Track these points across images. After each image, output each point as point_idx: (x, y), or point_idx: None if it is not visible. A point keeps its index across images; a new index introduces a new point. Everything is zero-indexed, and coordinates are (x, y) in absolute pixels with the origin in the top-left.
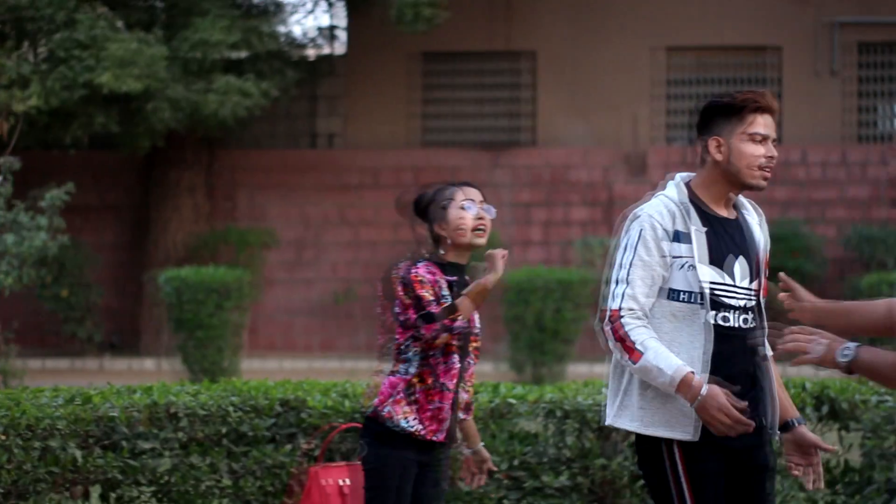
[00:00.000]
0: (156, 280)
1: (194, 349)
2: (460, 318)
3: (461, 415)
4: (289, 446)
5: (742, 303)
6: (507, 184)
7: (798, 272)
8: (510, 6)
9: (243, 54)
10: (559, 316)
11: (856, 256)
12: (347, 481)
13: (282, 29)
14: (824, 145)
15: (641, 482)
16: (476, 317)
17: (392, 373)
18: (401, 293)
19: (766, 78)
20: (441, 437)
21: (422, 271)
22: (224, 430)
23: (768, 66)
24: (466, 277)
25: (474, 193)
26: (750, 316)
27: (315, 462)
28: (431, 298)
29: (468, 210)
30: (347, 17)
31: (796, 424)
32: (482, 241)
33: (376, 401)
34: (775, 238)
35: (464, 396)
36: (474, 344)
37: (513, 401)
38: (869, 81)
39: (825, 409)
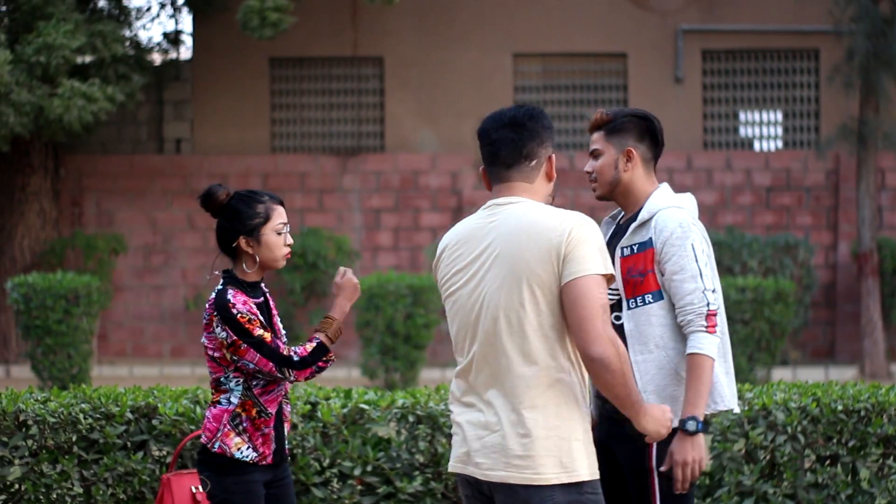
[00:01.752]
0: (2, 286)
1: (43, 356)
2: (332, 358)
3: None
4: (140, 453)
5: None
6: (357, 189)
7: None
8: (356, 12)
9: (89, 59)
10: (410, 321)
11: None
12: (200, 488)
13: (127, 33)
14: (670, 152)
15: None
16: (279, 325)
17: (214, 403)
18: (220, 330)
19: (612, 85)
20: (270, 459)
21: (240, 305)
22: (74, 438)
23: (613, 73)
24: (266, 293)
25: (285, 214)
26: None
27: (167, 469)
28: (270, 337)
29: (285, 235)
30: (193, 22)
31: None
32: (284, 264)
33: (204, 438)
34: None
35: (287, 409)
36: None
37: (365, 406)
38: (713, 88)
39: None
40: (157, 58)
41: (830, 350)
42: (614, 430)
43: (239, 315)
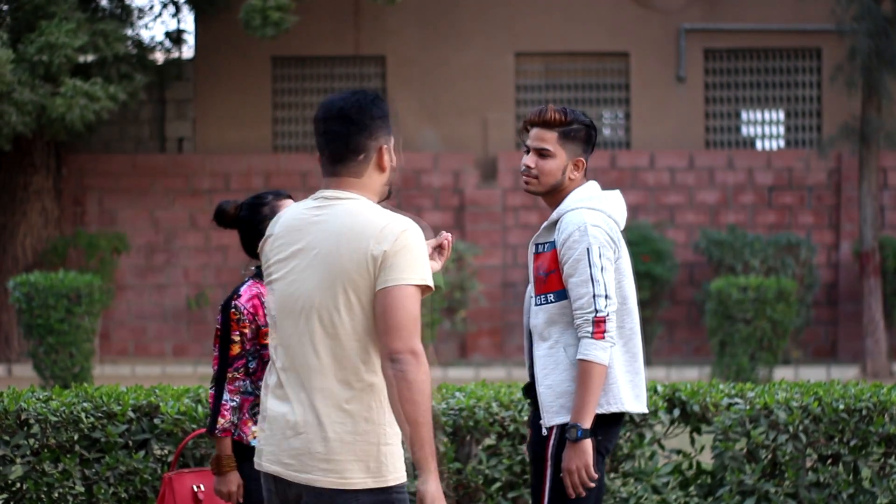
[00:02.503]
0: (4, 285)
1: (45, 355)
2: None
3: None
4: (142, 452)
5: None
6: None
7: (649, 276)
8: (359, 11)
9: (92, 58)
10: None
11: (705, 260)
12: (202, 486)
13: (129, 32)
14: (672, 151)
15: (496, 485)
16: None
17: None
18: (218, 315)
19: (614, 84)
20: None
21: (243, 300)
22: (76, 437)
23: (615, 73)
24: None
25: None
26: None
27: (169, 468)
28: (238, 349)
29: None
30: (195, 22)
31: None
32: None
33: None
34: (626, 242)
35: None
36: None
37: None
38: (715, 87)
39: (676, 411)
40: (159, 57)
41: (832, 349)
42: (533, 415)
43: (233, 310)
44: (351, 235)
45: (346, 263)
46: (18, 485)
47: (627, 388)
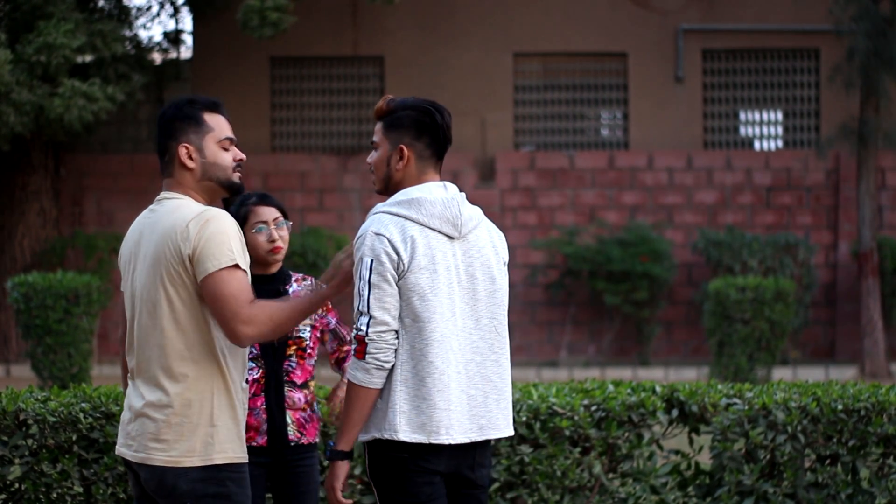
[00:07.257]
0: (2, 286)
1: (43, 355)
2: None
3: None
4: None
5: None
6: (357, 189)
7: (647, 276)
8: (357, 12)
9: (90, 58)
10: None
11: (703, 261)
12: None
13: (127, 33)
14: (670, 151)
15: (495, 485)
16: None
17: None
18: None
19: (612, 84)
20: (262, 440)
21: None
22: (75, 437)
23: (614, 73)
24: (283, 286)
25: (266, 213)
26: None
27: None
28: None
29: (260, 233)
30: (193, 22)
31: None
32: (278, 257)
33: None
34: (625, 243)
35: (295, 395)
36: (293, 347)
37: None
38: (713, 88)
39: (675, 412)
40: (157, 57)
41: (830, 349)
42: None
43: None
44: (165, 232)
45: (163, 258)
46: (17, 485)
47: (411, 416)
